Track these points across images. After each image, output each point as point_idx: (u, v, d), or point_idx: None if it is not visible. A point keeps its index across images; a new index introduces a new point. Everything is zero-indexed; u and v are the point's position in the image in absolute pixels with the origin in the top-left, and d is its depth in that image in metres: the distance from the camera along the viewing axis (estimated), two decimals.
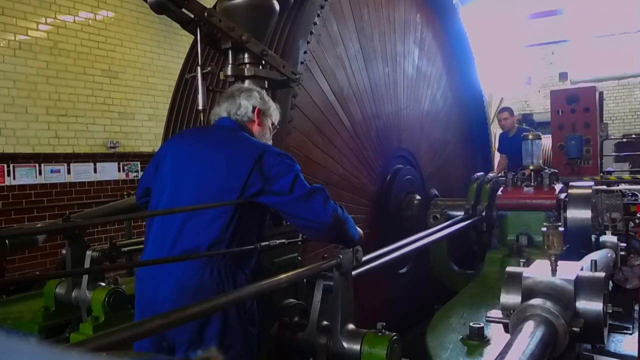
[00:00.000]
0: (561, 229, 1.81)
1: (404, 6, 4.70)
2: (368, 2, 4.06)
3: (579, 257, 2.07)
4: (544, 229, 1.83)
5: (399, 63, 4.59)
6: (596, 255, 2.74)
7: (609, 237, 3.08)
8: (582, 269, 1.77)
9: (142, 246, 2.42)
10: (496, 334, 2.25)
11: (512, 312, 1.63)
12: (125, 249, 3.06)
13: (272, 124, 2.30)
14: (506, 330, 1.64)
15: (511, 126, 6.01)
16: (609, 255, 2.78)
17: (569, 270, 1.71)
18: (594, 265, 1.82)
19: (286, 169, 1.98)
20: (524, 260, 1.91)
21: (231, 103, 2.18)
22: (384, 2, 4.32)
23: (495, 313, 1.74)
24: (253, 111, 2.19)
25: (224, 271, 1.92)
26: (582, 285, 1.66)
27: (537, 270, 1.73)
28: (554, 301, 1.58)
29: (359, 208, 3.73)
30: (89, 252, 2.67)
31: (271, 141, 2.29)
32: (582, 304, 1.63)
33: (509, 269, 1.86)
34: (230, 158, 2.01)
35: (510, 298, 1.74)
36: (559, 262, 1.73)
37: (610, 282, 3.06)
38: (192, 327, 1.89)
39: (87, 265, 2.69)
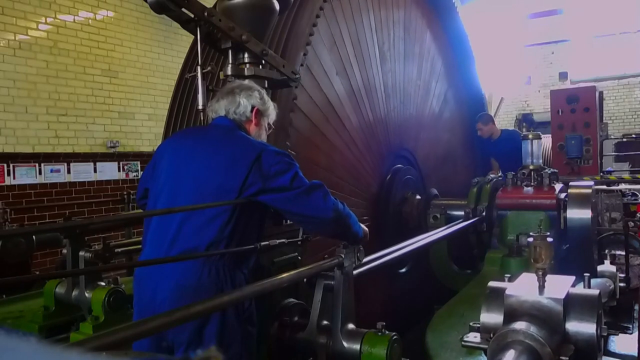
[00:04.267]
0: (550, 239, 1.61)
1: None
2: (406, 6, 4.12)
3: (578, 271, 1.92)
4: (530, 239, 1.63)
5: (409, 65, 4.62)
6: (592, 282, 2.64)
7: (607, 267, 2.91)
8: (573, 285, 1.61)
9: (140, 246, 2.42)
10: None
11: (492, 335, 1.45)
12: (123, 249, 3.05)
13: (269, 124, 2.29)
14: (486, 355, 1.47)
15: (489, 134, 5.97)
16: (607, 284, 2.66)
17: (559, 287, 1.53)
18: (587, 282, 1.64)
19: (285, 167, 1.98)
20: (509, 275, 1.77)
21: (230, 101, 2.16)
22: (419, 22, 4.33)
23: (473, 336, 1.59)
24: (252, 111, 2.18)
25: (222, 271, 1.92)
26: (572, 305, 1.48)
27: (522, 287, 1.56)
28: (539, 324, 1.42)
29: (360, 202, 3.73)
30: (81, 253, 2.65)
31: (266, 140, 2.29)
32: (573, 326, 1.46)
33: (491, 283, 1.70)
34: (228, 158, 2.00)
35: (491, 317, 1.57)
36: (548, 277, 1.55)
37: None
38: (191, 327, 1.88)
39: (81, 266, 2.68)
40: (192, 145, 2.11)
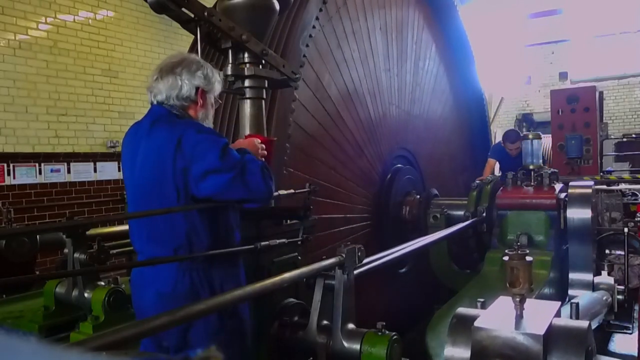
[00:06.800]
0: (529, 258, 1.38)
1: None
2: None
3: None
4: (506, 257, 1.39)
5: (411, 66, 4.61)
6: (585, 298, 2.37)
7: (604, 278, 2.82)
8: (558, 314, 1.35)
9: None
10: None
11: None
12: (119, 250, 3.04)
13: (215, 98, 2.10)
14: None
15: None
16: (604, 298, 2.53)
17: (539, 318, 1.28)
18: (575, 311, 1.41)
19: (209, 145, 1.82)
20: (482, 300, 1.48)
21: (172, 85, 1.96)
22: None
23: None
24: (196, 93, 1.98)
25: (196, 275, 1.89)
26: (555, 341, 1.22)
27: (496, 317, 1.31)
28: None
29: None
30: (76, 255, 2.64)
31: (212, 119, 2.12)
32: None
33: (459, 310, 1.45)
34: (155, 152, 1.89)
35: (456, 352, 1.31)
36: (528, 303, 1.32)
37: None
38: (178, 331, 1.86)
39: (77, 267, 2.67)
40: (134, 146, 2.02)
